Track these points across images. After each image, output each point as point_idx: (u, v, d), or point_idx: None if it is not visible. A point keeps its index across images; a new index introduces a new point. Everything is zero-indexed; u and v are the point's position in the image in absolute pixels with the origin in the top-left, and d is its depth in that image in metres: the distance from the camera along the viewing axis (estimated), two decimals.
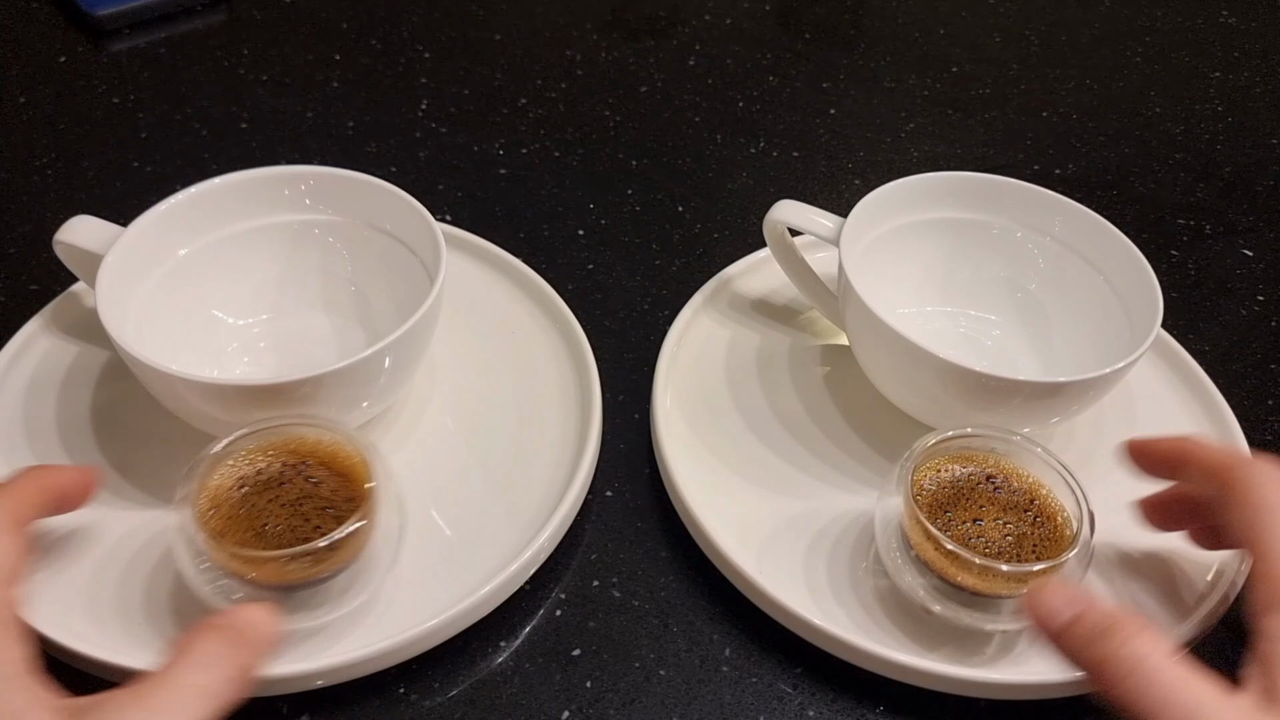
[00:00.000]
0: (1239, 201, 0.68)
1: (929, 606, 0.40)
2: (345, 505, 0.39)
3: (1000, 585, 0.38)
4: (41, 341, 0.49)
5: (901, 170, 0.53)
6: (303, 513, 0.39)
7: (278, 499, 0.39)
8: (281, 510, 0.38)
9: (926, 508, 0.40)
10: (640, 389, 0.51)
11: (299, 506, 0.39)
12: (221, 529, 0.38)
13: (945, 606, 0.40)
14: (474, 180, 0.65)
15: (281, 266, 0.50)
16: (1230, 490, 0.37)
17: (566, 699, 0.41)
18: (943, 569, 0.39)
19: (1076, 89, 0.78)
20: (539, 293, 0.53)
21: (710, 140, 0.70)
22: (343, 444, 0.40)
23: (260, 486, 0.39)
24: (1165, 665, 0.32)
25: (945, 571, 0.39)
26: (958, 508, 0.41)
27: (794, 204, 0.50)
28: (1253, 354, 0.57)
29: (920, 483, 0.41)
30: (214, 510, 0.38)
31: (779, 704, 0.41)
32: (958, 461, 0.42)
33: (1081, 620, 0.35)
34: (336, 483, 0.39)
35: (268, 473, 0.39)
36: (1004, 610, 0.39)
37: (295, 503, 0.39)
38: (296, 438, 0.40)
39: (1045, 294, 0.52)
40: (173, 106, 0.69)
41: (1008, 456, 0.42)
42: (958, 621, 0.40)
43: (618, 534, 0.46)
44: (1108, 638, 0.34)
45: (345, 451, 0.40)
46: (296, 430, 0.40)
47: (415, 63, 0.75)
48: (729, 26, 0.82)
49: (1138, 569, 0.44)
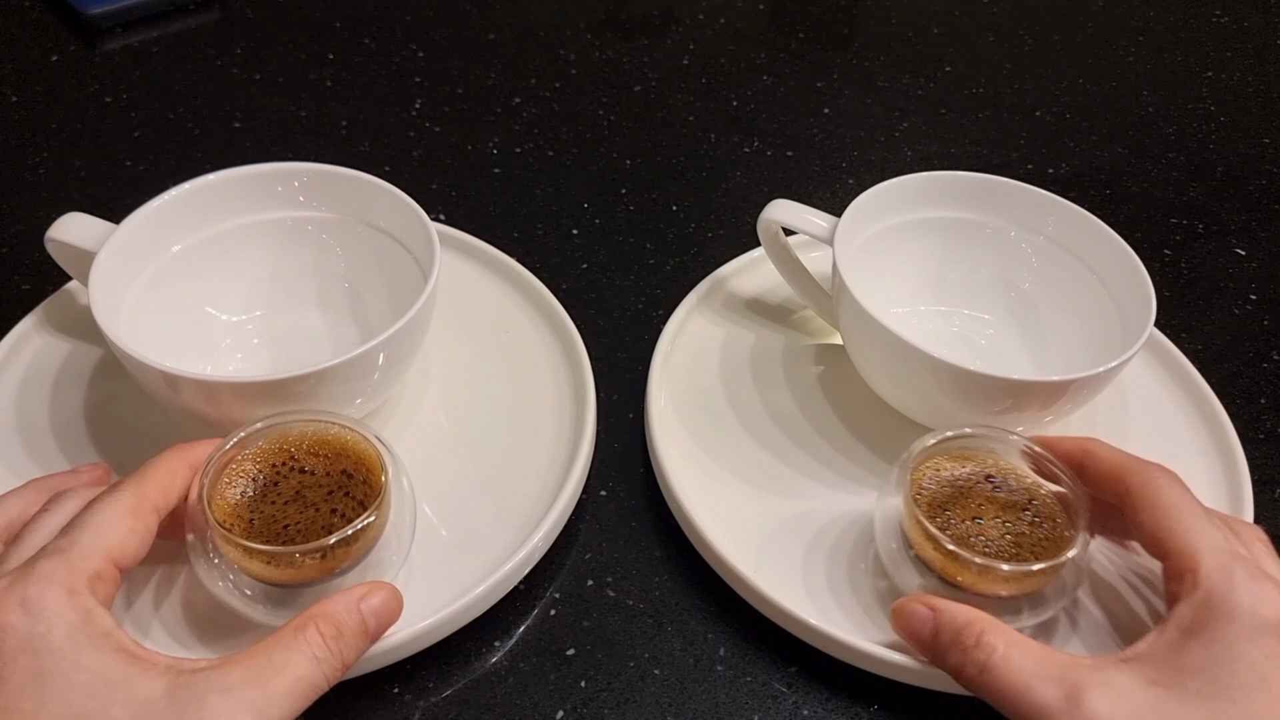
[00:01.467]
0: (1232, 201, 0.68)
1: None
2: (354, 502, 0.39)
3: (1000, 585, 0.38)
4: (34, 340, 0.49)
5: (895, 170, 0.53)
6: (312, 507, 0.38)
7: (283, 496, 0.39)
8: (290, 509, 0.38)
9: (926, 507, 0.40)
10: (634, 388, 0.51)
11: (308, 502, 0.38)
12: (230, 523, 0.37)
13: None
14: (468, 179, 0.65)
15: (275, 263, 0.50)
16: (1131, 495, 0.38)
17: (561, 698, 0.41)
18: (942, 569, 0.39)
19: (1070, 88, 0.78)
20: (533, 292, 0.53)
21: (704, 139, 0.70)
22: (352, 438, 0.40)
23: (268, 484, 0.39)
24: (1011, 656, 0.34)
25: (945, 571, 0.39)
26: (957, 507, 0.41)
27: (788, 203, 0.50)
28: (1245, 353, 0.57)
29: (919, 482, 0.41)
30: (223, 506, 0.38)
31: (773, 703, 0.41)
32: (957, 461, 0.42)
33: (937, 631, 0.37)
34: (346, 479, 0.39)
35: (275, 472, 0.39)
36: (1003, 610, 0.39)
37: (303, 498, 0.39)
38: (305, 433, 0.40)
39: (1039, 293, 0.52)
40: (165, 105, 0.69)
41: (1006, 456, 0.42)
42: None
43: (612, 533, 0.46)
44: (957, 643, 0.36)
45: (357, 446, 0.40)
46: (304, 426, 0.40)
47: (409, 62, 0.75)
48: (723, 26, 0.82)
49: (1132, 569, 0.44)
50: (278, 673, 0.33)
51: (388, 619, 0.37)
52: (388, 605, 0.37)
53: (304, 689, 0.33)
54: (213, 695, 0.31)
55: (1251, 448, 0.49)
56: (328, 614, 0.35)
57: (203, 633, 0.39)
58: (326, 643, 0.34)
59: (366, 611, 0.36)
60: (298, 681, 0.33)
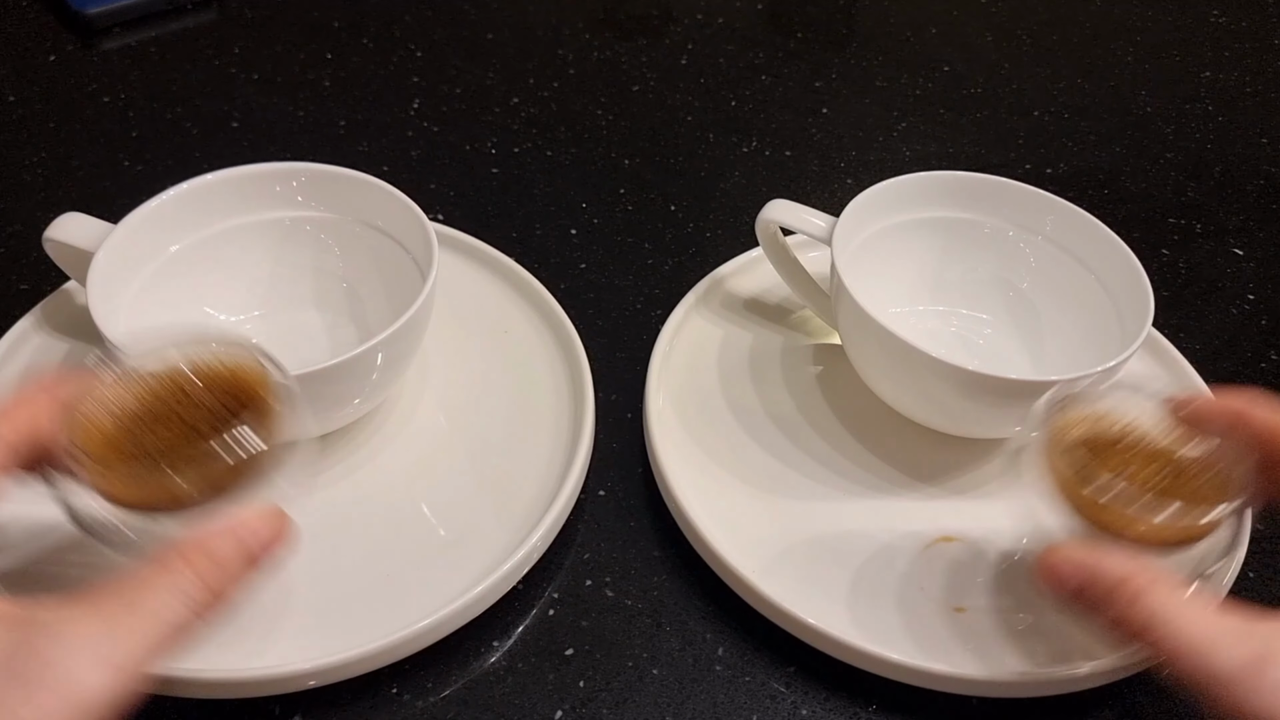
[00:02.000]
0: (1230, 200, 0.68)
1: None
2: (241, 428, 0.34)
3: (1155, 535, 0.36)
4: (33, 340, 0.49)
5: (893, 169, 0.53)
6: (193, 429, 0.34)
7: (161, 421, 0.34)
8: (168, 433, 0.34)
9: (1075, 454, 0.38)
10: (633, 388, 0.51)
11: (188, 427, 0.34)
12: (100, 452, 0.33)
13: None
14: (466, 179, 0.65)
15: (273, 263, 0.50)
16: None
17: (559, 698, 0.41)
18: (1096, 518, 0.37)
19: (1068, 88, 0.78)
20: (531, 292, 0.53)
21: (703, 139, 0.70)
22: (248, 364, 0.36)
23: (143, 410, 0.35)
24: (1178, 615, 0.32)
25: (1099, 520, 0.37)
26: (1111, 456, 0.38)
27: (786, 203, 0.50)
28: (1243, 353, 0.57)
29: (1067, 428, 0.39)
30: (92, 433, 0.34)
31: (772, 703, 0.41)
32: (1103, 415, 0.40)
33: (1090, 585, 0.34)
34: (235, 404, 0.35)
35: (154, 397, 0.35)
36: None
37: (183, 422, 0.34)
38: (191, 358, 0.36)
39: (1037, 293, 0.52)
40: (163, 105, 0.69)
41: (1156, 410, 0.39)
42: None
43: (610, 533, 0.46)
44: (1115, 598, 0.33)
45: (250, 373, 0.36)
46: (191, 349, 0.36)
47: (407, 61, 0.75)
48: (721, 25, 0.82)
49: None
50: (132, 612, 0.28)
51: (271, 540, 0.33)
52: (270, 525, 0.32)
53: (166, 629, 0.29)
54: (55, 648, 0.27)
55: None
56: (196, 541, 0.31)
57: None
58: (195, 573, 0.30)
59: (244, 534, 0.32)
60: (158, 622, 0.29)
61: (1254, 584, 0.46)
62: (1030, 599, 0.43)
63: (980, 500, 0.47)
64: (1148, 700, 0.42)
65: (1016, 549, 0.45)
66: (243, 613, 0.40)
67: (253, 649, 0.39)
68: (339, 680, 0.39)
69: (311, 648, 0.39)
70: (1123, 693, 0.42)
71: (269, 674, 0.37)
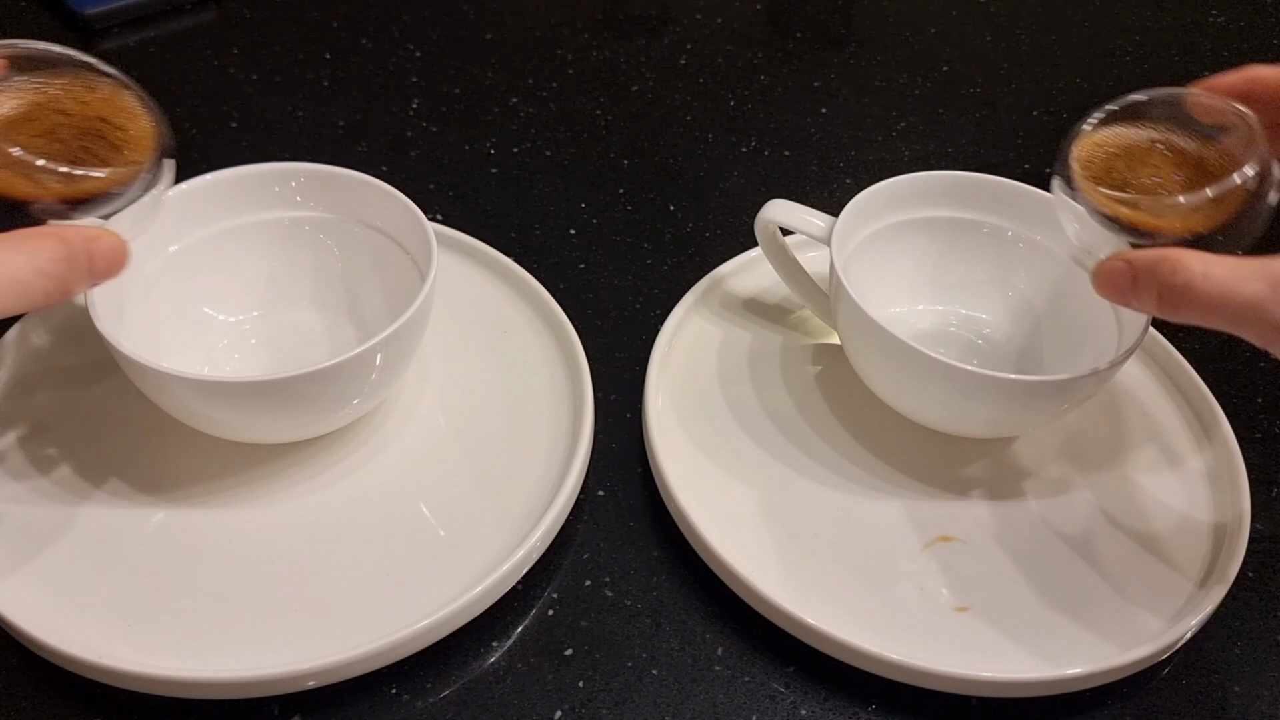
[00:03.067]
0: None
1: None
2: (108, 145, 0.38)
3: (1186, 219, 0.39)
4: (31, 340, 0.49)
5: (893, 169, 0.53)
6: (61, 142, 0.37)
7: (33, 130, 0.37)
8: (37, 140, 0.37)
9: (1099, 162, 0.41)
10: (632, 388, 0.51)
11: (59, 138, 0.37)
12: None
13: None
14: (465, 179, 0.65)
15: (272, 263, 0.50)
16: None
17: (559, 698, 0.41)
18: (1128, 218, 0.39)
19: (1067, 88, 0.78)
20: (530, 292, 0.53)
21: (702, 139, 0.70)
22: (128, 96, 0.41)
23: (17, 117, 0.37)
24: (1211, 270, 0.35)
25: (1131, 220, 0.39)
26: (1133, 162, 0.41)
27: (785, 203, 0.50)
28: (1242, 352, 0.57)
29: (1092, 139, 0.42)
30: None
31: (771, 703, 0.41)
32: (1126, 125, 0.42)
33: (1135, 276, 0.38)
34: (104, 125, 0.39)
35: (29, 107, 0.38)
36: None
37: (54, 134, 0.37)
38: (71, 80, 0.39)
39: (1036, 293, 0.52)
40: (162, 105, 0.68)
41: (1175, 115, 0.42)
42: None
43: (610, 533, 0.46)
44: (1158, 273, 0.36)
45: (126, 101, 0.40)
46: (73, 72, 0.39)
47: (406, 61, 0.75)
48: (720, 25, 0.82)
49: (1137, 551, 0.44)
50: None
51: (111, 268, 0.37)
52: (115, 253, 0.36)
53: (18, 292, 0.32)
54: None
55: (1248, 447, 0.49)
56: (61, 236, 0.34)
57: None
58: (55, 261, 0.33)
59: (95, 252, 0.35)
60: (13, 282, 0.32)
61: (1254, 584, 0.46)
62: (1030, 599, 0.43)
63: (980, 500, 0.47)
64: (1148, 700, 0.42)
65: (1016, 548, 0.45)
66: (242, 613, 0.41)
67: (253, 649, 0.39)
68: (338, 680, 0.39)
69: (311, 648, 0.39)
70: (1123, 693, 0.42)
71: (269, 674, 0.38)
